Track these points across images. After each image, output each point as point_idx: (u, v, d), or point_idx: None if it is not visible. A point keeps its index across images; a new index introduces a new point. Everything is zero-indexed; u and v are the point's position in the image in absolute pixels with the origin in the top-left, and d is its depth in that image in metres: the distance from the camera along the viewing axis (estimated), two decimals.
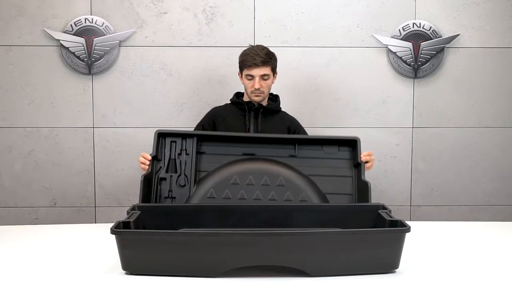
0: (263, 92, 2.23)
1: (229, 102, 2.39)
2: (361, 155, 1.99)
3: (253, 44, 2.34)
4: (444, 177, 2.91)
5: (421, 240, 1.82)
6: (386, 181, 2.90)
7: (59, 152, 2.82)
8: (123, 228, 1.49)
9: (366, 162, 2.01)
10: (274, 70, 2.27)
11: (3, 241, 1.76)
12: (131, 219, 1.55)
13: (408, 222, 1.48)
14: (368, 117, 2.87)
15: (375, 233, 1.48)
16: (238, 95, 2.39)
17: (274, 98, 2.39)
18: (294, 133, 2.33)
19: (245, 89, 2.30)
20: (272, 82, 2.29)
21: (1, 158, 2.80)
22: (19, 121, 2.79)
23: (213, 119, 2.34)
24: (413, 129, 2.87)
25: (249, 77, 2.22)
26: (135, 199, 1.95)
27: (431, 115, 2.87)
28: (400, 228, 1.46)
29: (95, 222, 2.84)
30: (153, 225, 1.68)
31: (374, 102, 2.86)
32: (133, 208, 1.69)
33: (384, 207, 1.71)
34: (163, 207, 1.83)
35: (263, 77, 2.21)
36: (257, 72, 2.19)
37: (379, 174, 2.90)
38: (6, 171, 2.81)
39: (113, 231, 1.41)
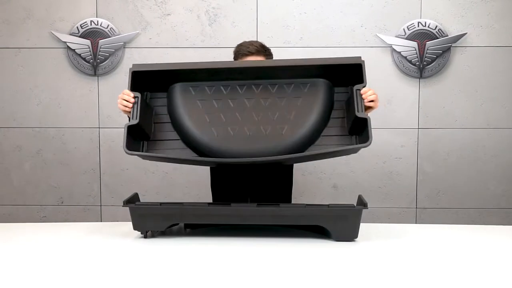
0: None
1: None
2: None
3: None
4: (451, 179, 2.85)
5: (423, 243, 1.77)
6: (391, 182, 2.86)
7: (66, 152, 2.88)
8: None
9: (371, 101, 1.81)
10: None
11: (12, 238, 1.81)
12: None
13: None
14: (372, 117, 2.77)
15: None
16: None
17: None
18: None
19: None
20: None
21: (11, 158, 2.89)
22: (27, 122, 2.87)
23: None
24: (418, 130, 2.82)
25: None
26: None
27: (437, 116, 2.82)
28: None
29: (101, 221, 2.90)
30: None
31: (379, 102, 2.81)
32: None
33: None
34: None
35: None
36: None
37: (384, 176, 2.86)
38: (16, 170, 2.89)
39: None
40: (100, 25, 2.79)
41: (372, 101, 1.80)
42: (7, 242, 1.73)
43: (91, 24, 2.80)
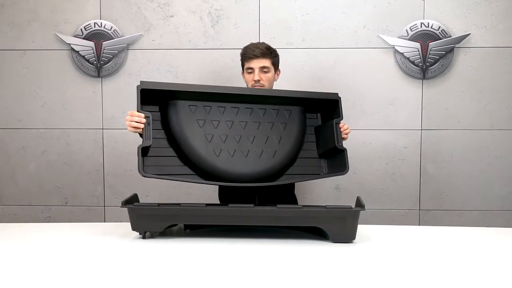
0: (263, 86, 2.12)
1: None
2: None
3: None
4: (455, 181, 2.83)
5: (422, 245, 1.76)
6: (394, 184, 2.85)
7: (70, 153, 2.91)
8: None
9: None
10: (275, 66, 2.17)
11: (17, 238, 1.83)
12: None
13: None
14: (375, 119, 2.82)
15: None
16: None
17: None
18: None
19: (247, 86, 2.19)
20: (274, 79, 2.20)
21: (16, 158, 2.92)
22: (32, 123, 2.90)
23: None
24: (421, 131, 2.81)
25: (249, 71, 2.14)
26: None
27: (440, 117, 2.80)
28: None
29: (104, 221, 2.92)
30: None
31: (381, 103, 2.81)
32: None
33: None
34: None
35: (263, 69, 2.12)
36: (256, 64, 2.11)
37: (387, 177, 2.85)
38: (21, 171, 2.93)
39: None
40: (104, 27, 2.82)
41: (346, 133, 2.06)
42: (12, 242, 1.75)
43: (94, 26, 2.82)
